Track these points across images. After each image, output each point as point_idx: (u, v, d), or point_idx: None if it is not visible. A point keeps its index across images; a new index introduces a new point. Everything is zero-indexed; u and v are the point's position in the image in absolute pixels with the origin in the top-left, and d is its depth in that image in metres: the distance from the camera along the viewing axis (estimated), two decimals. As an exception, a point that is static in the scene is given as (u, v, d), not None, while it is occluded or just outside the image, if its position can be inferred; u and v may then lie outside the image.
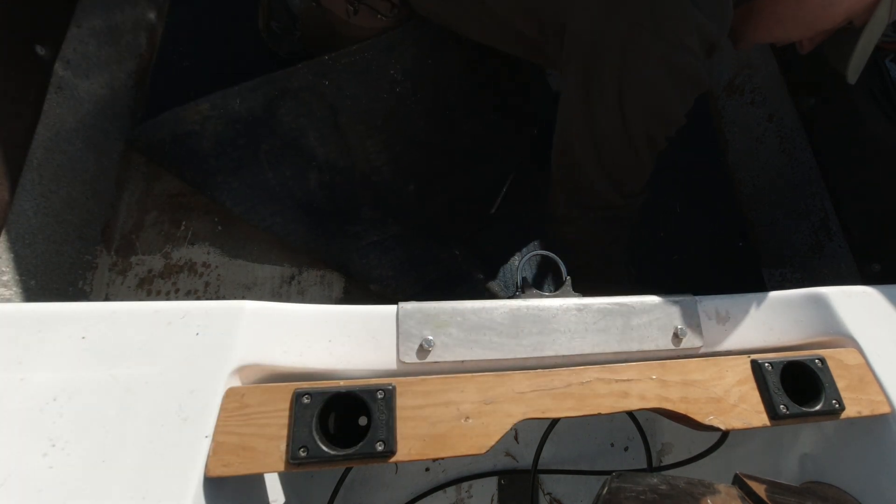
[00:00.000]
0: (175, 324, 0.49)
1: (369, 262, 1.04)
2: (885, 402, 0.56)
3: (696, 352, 0.58)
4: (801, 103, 1.18)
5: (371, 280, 1.04)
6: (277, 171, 1.06)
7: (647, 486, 0.46)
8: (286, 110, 1.04)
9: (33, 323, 0.47)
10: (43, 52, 0.92)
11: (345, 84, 1.01)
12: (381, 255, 1.05)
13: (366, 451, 0.45)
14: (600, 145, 0.79)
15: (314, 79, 1.01)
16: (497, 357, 0.54)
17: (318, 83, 1.01)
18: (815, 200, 1.15)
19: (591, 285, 0.91)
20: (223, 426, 0.44)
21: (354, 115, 1.03)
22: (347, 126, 1.05)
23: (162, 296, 1.03)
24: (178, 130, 1.02)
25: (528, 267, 1.11)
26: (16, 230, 0.83)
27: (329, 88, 1.01)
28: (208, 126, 1.02)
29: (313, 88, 1.02)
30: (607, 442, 0.96)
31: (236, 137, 1.04)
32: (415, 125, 1.04)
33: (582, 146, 0.81)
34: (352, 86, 1.01)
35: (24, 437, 0.41)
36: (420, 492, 0.87)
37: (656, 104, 0.74)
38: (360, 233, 1.06)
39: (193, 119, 1.02)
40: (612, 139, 0.78)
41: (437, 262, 1.07)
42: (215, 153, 1.03)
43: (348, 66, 0.99)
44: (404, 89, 0.93)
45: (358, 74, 1.00)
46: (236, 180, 1.03)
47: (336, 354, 0.51)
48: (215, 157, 1.03)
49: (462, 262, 1.08)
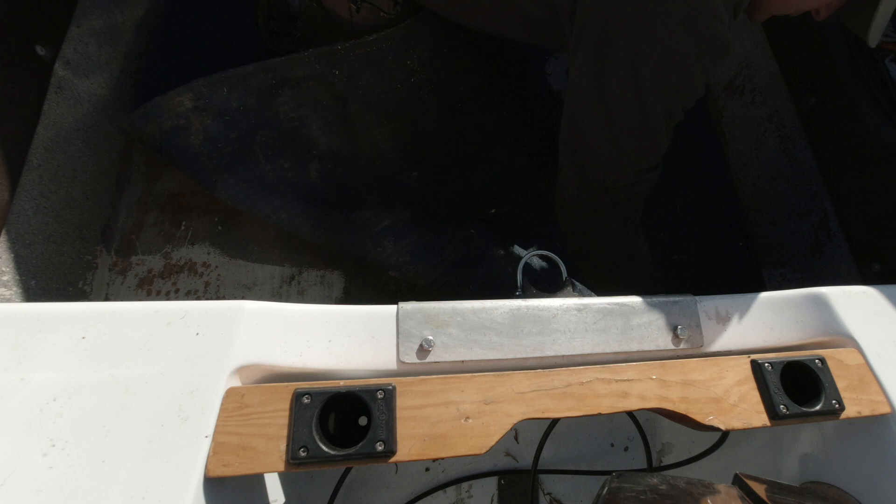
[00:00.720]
0: (175, 324, 0.49)
1: (385, 250, 1.02)
2: (885, 402, 0.56)
3: (696, 352, 0.58)
4: (801, 103, 1.18)
5: (389, 267, 1.02)
6: (275, 163, 1.04)
7: (646, 486, 0.46)
8: (285, 99, 1.02)
9: (33, 323, 0.47)
10: (43, 52, 0.92)
11: (357, 74, 0.99)
12: (395, 241, 1.03)
13: (366, 451, 0.45)
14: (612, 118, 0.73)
15: (322, 68, 0.99)
16: (497, 357, 0.54)
17: (327, 73, 0.99)
18: (815, 200, 1.15)
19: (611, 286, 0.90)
20: (223, 426, 0.44)
21: (365, 104, 1.02)
22: (357, 115, 1.03)
23: (162, 296, 1.03)
24: (165, 125, 0.98)
25: (528, 267, 1.11)
26: (16, 230, 0.83)
27: (339, 78, 1.00)
28: (194, 120, 0.98)
29: (320, 78, 1.00)
30: (607, 442, 0.96)
31: (227, 130, 1.00)
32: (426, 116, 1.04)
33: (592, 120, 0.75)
34: (364, 76, 1.00)
35: (24, 437, 0.41)
36: (420, 492, 0.87)
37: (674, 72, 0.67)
38: (369, 219, 1.04)
39: (177, 111, 0.98)
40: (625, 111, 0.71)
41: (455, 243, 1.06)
42: (206, 150, 1.00)
43: (363, 56, 0.98)
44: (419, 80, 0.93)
45: (372, 65, 0.99)
46: (231, 177, 1.01)
47: (336, 354, 0.51)
48: (206, 156, 1.00)
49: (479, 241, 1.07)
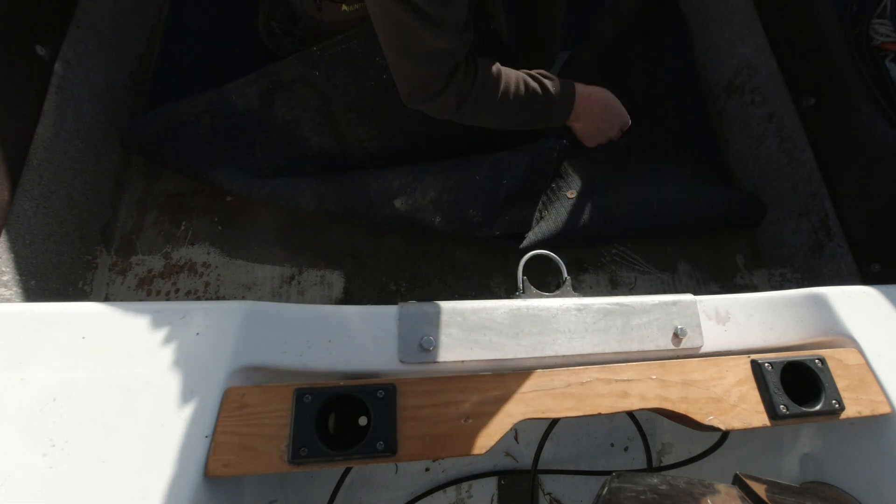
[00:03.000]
0: (175, 324, 0.49)
1: (385, 177, 1.03)
2: (885, 402, 0.56)
3: (696, 352, 0.58)
4: (801, 103, 1.18)
5: (393, 194, 1.03)
6: (272, 162, 1.08)
7: (646, 486, 0.46)
8: (281, 102, 1.05)
9: (33, 323, 0.47)
10: (43, 52, 0.92)
11: (334, 73, 1.02)
12: (395, 166, 1.05)
13: (366, 450, 0.45)
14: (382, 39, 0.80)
15: (305, 70, 1.02)
16: (497, 357, 0.54)
17: (309, 74, 1.02)
18: (815, 200, 1.15)
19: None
20: (223, 426, 0.44)
21: (345, 103, 1.05)
22: (339, 114, 1.06)
23: (162, 296, 1.03)
24: (172, 121, 1.04)
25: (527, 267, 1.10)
26: (16, 230, 0.83)
27: (320, 79, 1.03)
28: (203, 118, 1.04)
29: (305, 79, 1.03)
30: (607, 442, 0.96)
31: (231, 130, 1.06)
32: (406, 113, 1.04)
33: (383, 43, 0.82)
34: (340, 75, 1.02)
35: (24, 437, 0.41)
36: (420, 492, 0.87)
37: None
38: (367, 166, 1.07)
39: (188, 111, 1.04)
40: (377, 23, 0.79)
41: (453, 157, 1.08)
42: (210, 140, 1.05)
43: (336, 55, 1.00)
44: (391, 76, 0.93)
45: (346, 63, 1.00)
46: (231, 166, 1.05)
47: (336, 354, 0.51)
48: (210, 143, 1.05)
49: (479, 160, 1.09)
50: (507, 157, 1.08)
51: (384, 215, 1.05)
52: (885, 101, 1.00)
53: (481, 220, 1.05)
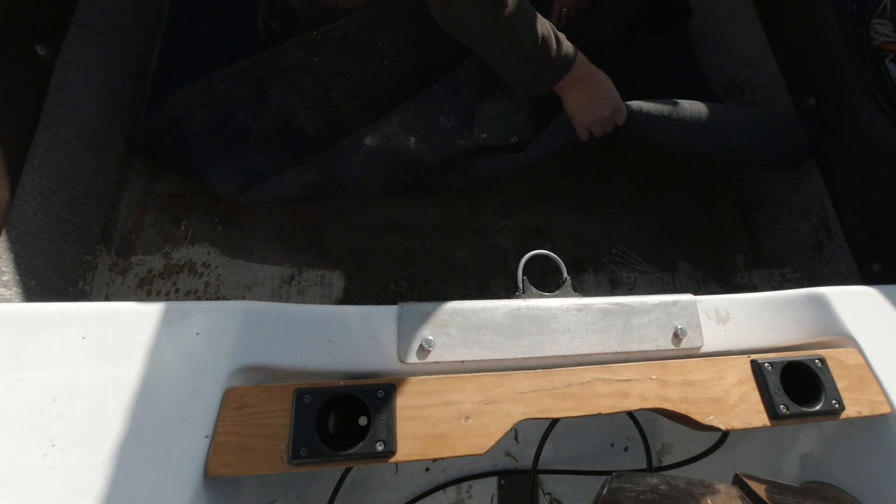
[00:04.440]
0: (175, 324, 0.49)
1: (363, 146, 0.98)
2: (885, 402, 0.56)
3: (696, 352, 0.58)
4: (801, 103, 1.18)
5: (362, 136, 0.98)
6: (269, 155, 1.05)
7: (646, 486, 0.46)
8: (277, 90, 1.03)
9: (33, 323, 0.47)
10: (43, 52, 0.92)
11: (336, 59, 1.00)
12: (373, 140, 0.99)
13: (366, 451, 0.45)
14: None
15: (304, 56, 1.00)
16: (497, 357, 0.54)
17: (309, 59, 1.00)
18: (815, 200, 1.15)
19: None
20: (223, 426, 0.44)
21: (346, 91, 1.02)
22: (339, 102, 1.04)
23: (162, 296, 1.03)
24: (170, 118, 1.03)
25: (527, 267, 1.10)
26: (16, 230, 0.83)
27: (319, 65, 1.00)
28: (196, 112, 1.02)
29: (304, 65, 1.00)
30: (607, 442, 0.96)
31: (225, 121, 1.03)
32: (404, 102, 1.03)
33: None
34: (342, 61, 1.00)
35: (24, 437, 0.41)
36: (420, 492, 0.87)
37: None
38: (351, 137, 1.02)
39: (182, 105, 1.02)
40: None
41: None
42: (204, 137, 1.02)
43: (338, 39, 0.98)
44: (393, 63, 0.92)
45: (348, 48, 0.98)
46: (225, 164, 1.03)
47: (336, 354, 0.51)
48: (205, 141, 1.03)
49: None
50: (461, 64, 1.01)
51: (360, 163, 0.99)
52: (885, 101, 1.00)
53: (457, 124, 0.97)
